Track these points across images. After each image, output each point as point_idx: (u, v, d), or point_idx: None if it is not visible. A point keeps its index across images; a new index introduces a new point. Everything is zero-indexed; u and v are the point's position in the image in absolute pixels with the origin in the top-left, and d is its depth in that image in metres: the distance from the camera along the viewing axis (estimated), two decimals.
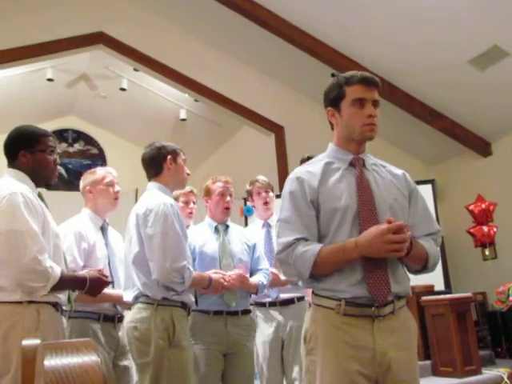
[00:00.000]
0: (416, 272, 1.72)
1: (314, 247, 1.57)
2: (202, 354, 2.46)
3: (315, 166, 1.71)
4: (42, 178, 2.05)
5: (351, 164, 1.70)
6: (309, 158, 2.62)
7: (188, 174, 2.49)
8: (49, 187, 2.18)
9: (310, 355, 1.58)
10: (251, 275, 2.70)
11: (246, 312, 2.67)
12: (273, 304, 2.95)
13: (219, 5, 4.83)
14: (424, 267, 1.69)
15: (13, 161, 2.02)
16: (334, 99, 1.72)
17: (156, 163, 2.39)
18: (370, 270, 1.55)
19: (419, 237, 1.69)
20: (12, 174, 2.00)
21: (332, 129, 1.79)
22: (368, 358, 1.51)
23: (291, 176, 1.72)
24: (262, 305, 2.97)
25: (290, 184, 1.69)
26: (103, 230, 2.63)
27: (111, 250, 2.59)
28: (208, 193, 2.79)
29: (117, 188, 2.66)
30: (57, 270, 1.87)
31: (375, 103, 1.69)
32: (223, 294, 2.52)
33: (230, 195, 2.77)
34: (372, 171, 1.72)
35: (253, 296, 2.80)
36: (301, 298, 2.96)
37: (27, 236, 1.83)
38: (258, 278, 2.68)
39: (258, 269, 2.76)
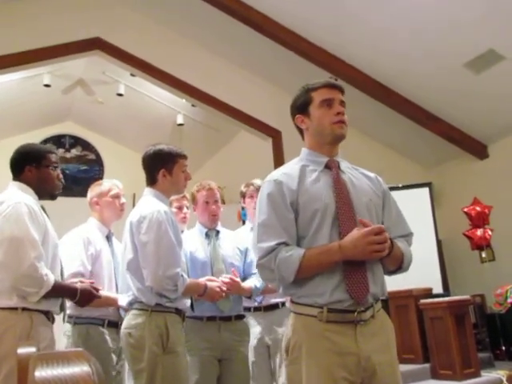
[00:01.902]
0: (390, 273, 1.74)
1: (298, 251, 1.57)
2: (197, 360, 2.45)
3: (291, 169, 1.73)
4: (45, 191, 2.21)
5: (326, 166, 1.72)
6: None
7: (189, 179, 2.47)
8: (53, 198, 2.28)
9: (294, 364, 1.57)
10: (244, 280, 2.69)
11: (240, 317, 2.67)
12: (258, 309, 2.94)
13: (215, 10, 4.84)
14: (399, 267, 1.72)
15: (19, 174, 2.18)
16: (301, 105, 1.77)
17: (150, 173, 2.39)
18: (350, 270, 1.56)
19: (394, 238, 1.71)
20: (18, 186, 2.15)
21: (302, 137, 1.83)
22: (353, 363, 1.51)
23: (268, 179, 1.72)
24: (247, 309, 2.94)
25: (267, 187, 1.69)
26: (108, 238, 2.73)
27: (116, 258, 2.66)
28: (194, 200, 2.80)
29: (122, 200, 2.78)
30: (51, 279, 1.99)
31: (342, 104, 1.74)
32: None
33: (216, 201, 2.76)
34: (347, 173, 1.75)
35: None
36: (285, 303, 2.94)
37: (27, 243, 1.95)
38: (253, 282, 2.68)
39: (251, 273, 2.76)
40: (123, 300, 2.30)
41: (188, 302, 2.36)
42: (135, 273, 2.22)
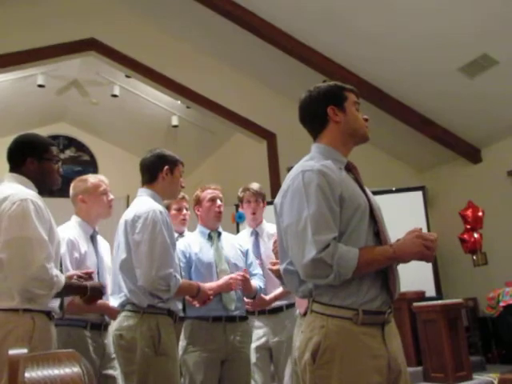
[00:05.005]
0: None
1: (353, 248, 1.52)
2: (201, 361, 2.44)
3: (325, 162, 1.64)
4: (46, 185, 2.10)
5: (346, 167, 1.70)
6: None
7: (182, 187, 2.49)
8: (50, 194, 2.19)
9: (322, 369, 1.48)
10: None
11: (243, 318, 2.67)
12: (262, 312, 2.94)
13: (211, 12, 4.84)
14: None
15: (18, 167, 2.04)
16: (337, 99, 1.73)
17: (152, 170, 2.40)
18: (386, 268, 1.57)
19: None
20: (18, 180, 2.01)
21: (315, 132, 1.76)
22: (384, 366, 1.51)
23: (307, 168, 1.60)
24: (251, 312, 2.93)
25: (311, 176, 1.57)
26: (93, 238, 2.62)
27: (100, 259, 2.58)
28: (198, 201, 2.80)
29: (110, 196, 2.67)
30: (61, 279, 1.91)
31: None
32: (221, 297, 2.52)
33: (221, 200, 2.79)
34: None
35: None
36: (290, 306, 2.95)
37: (36, 244, 1.85)
38: (256, 282, 2.71)
39: (252, 274, 2.78)
40: (114, 302, 2.29)
41: (180, 304, 2.35)
42: (128, 273, 2.21)
